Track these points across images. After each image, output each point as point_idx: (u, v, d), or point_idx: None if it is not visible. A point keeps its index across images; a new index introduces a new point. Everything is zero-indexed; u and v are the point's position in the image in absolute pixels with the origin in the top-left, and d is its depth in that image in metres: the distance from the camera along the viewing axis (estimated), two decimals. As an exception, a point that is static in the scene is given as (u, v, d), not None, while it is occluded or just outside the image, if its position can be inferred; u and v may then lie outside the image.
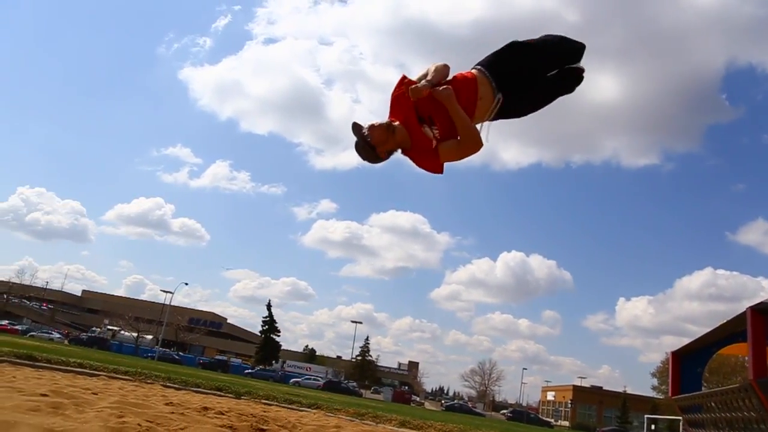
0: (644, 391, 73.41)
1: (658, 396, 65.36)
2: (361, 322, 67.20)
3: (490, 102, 2.93)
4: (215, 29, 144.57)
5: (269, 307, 72.82)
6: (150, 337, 64.60)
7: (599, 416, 76.48)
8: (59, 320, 79.96)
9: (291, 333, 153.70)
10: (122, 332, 65.14)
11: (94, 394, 5.34)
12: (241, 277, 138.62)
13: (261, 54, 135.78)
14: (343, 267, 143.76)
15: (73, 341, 51.69)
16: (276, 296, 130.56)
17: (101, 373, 9.73)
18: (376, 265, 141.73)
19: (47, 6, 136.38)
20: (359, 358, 79.10)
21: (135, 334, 62.46)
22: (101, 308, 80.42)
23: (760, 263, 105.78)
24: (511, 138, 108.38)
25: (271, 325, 72.09)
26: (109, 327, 68.25)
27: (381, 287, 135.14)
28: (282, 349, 75.91)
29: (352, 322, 66.31)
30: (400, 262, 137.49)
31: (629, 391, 77.44)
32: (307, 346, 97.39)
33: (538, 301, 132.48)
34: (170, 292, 58.20)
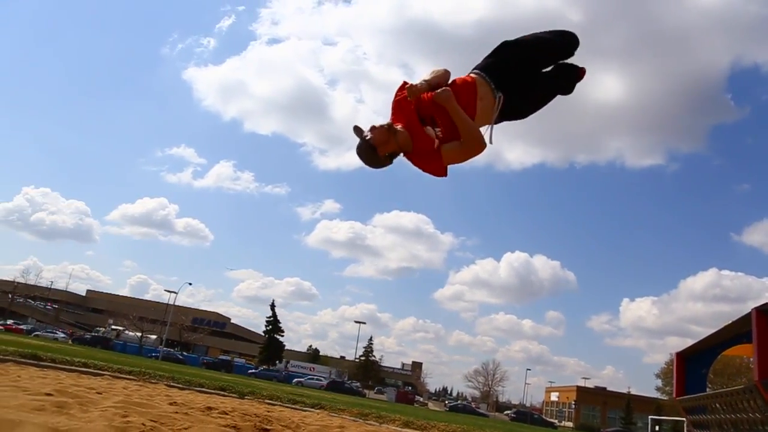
0: (648, 392, 73.41)
1: (662, 397, 65.25)
2: (364, 323, 67.04)
3: (491, 102, 2.94)
4: (219, 30, 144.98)
5: (273, 307, 72.86)
6: (154, 336, 64.79)
7: (603, 417, 76.24)
8: (64, 320, 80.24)
9: (295, 333, 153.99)
10: (126, 332, 65.35)
11: (98, 393, 5.35)
12: (244, 277, 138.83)
13: (265, 54, 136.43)
14: (347, 267, 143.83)
15: (76, 341, 51.90)
16: (280, 296, 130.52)
17: (105, 372, 9.75)
18: (380, 266, 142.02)
19: (52, 6, 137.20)
20: (363, 358, 78.98)
21: (139, 334, 62.69)
22: (105, 308, 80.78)
23: (765, 264, 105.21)
24: (515, 138, 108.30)
25: (274, 325, 72.10)
26: (113, 327, 68.46)
27: (384, 287, 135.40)
28: (285, 349, 75.90)
29: (356, 322, 66.17)
30: (403, 262, 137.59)
31: (633, 392, 77.31)
32: (310, 346, 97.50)
33: (541, 301, 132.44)
34: (174, 292, 58.44)
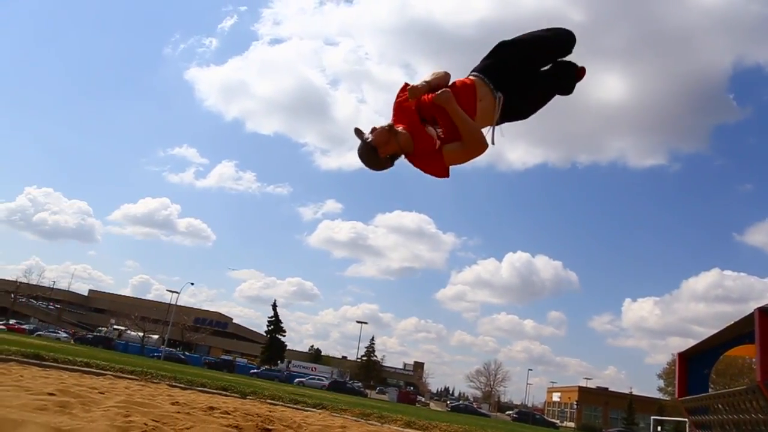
0: (650, 393, 73.16)
1: (664, 397, 65.12)
2: (366, 323, 66.97)
3: (491, 102, 2.94)
4: (221, 30, 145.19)
5: (275, 307, 72.96)
6: (156, 336, 64.89)
7: (605, 417, 76.13)
8: (66, 320, 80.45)
9: (296, 333, 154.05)
10: (128, 332, 65.43)
11: (100, 393, 5.36)
12: (246, 277, 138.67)
13: (267, 54, 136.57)
14: (349, 267, 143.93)
15: (78, 340, 51.99)
16: (281, 296, 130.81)
17: (108, 372, 9.77)
18: (382, 266, 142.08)
19: (54, 7, 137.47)
20: (364, 358, 78.97)
21: (141, 334, 62.75)
22: (108, 308, 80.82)
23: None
24: (517, 138, 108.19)
25: (276, 325, 72.19)
26: (115, 327, 68.55)
27: (386, 287, 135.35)
28: (287, 349, 76.03)
29: (358, 322, 66.11)
30: (405, 262, 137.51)
31: (635, 392, 76.94)
32: (312, 346, 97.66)
33: (543, 301, 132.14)
34: (176, 292, 58.47)
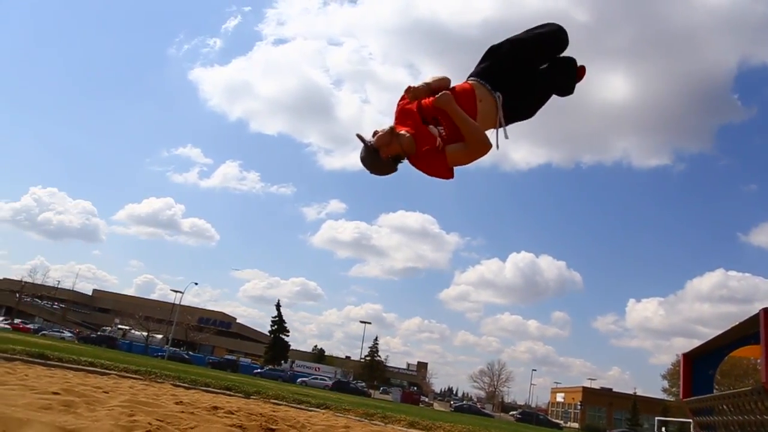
0: (655, 393, 72.96)
1: (668, 398, 64.89)
2: (370, 323, 66.97)
3: (491, 103, 2.97)
4: (225, 30, 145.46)
5: (278, 307, 73.01)
6: (160, 336, 64.98)
7: (609, 418, 75.92)
8: (70, 319, 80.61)
9: (300, 333, 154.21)
10: (132, 331, 65.59)
11: (105, 392, 5.38)
12: (250, 277, 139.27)
13: (271, 55, 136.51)
14: (353, 267, 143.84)
15: (81, 340, 52.12)
16: (285, 296, 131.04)
17: (112, 372, 9.80)
18: (385, 266, 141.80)
19: (58, 8, 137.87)
20: (368, 358, 78.99)
21: (145, 334, 62.88)
22: (112, 307, 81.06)
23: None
24: (521, 138, 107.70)
25: (280, 325, 72.25)
26: (119, 326, 68.74)
27: (390, 287, 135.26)
28: (291, 349, 76.06)
29: (361, 322, 66.16)
30: (409, 262, 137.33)
31: (639, 393, 76.93)
32: (316, 346, 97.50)
33: (547, 302, 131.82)
34: (180, 292, 58.61)
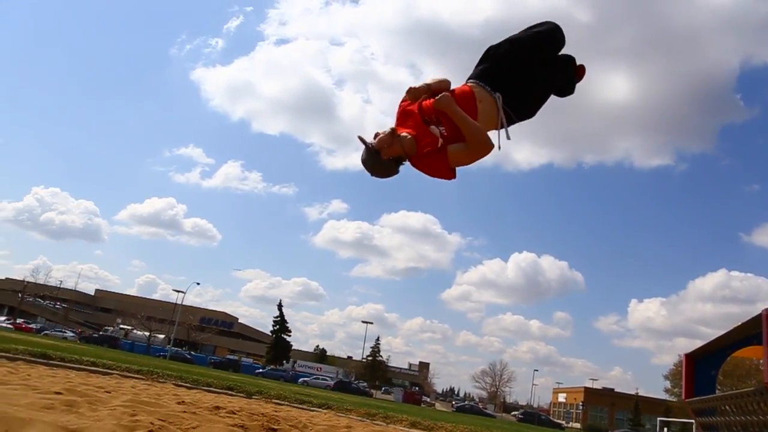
0: (657, 394, 72.80)
1: (670, 399, 64.78)
2: (371, 323, 67.15)
3: (491, 103, 2.98)
4: (227, 30, 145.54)
5: (280, 307, 73.16)
6: (162, 336, 65.07)
7: (611, 418, 75.87)
8: (73, 319, 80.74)
9: (302, 333, 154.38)
10: (134, 331, 65.68)
11: (107, 392, 5.38)
12: (252, 277, 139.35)
13: (272, 55, 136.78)
14: (354, 267, 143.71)
15: (83, 339, 52.23)
16: (287, 296, 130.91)
17: (114, 371, 9.82)
18: (387, 266, 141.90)
19: (61, 7, 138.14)
20: (370, 358, 79.02)
21: (147, 333, 62.97)
22: (114, 307, 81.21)
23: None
24: (523, 138, 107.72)
25: (282, 325, 72.33)
26: (121, 326, 68.84)
27: (392, 288, 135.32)
28: (293, 349, 76.13)
29: (363, 322, 66.26)
30: (411, 262, 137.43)
31: (641, 393, 76.85)
32: (317, 346, 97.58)
33: (549, 302, 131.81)
34: (182, 292, 58.74)
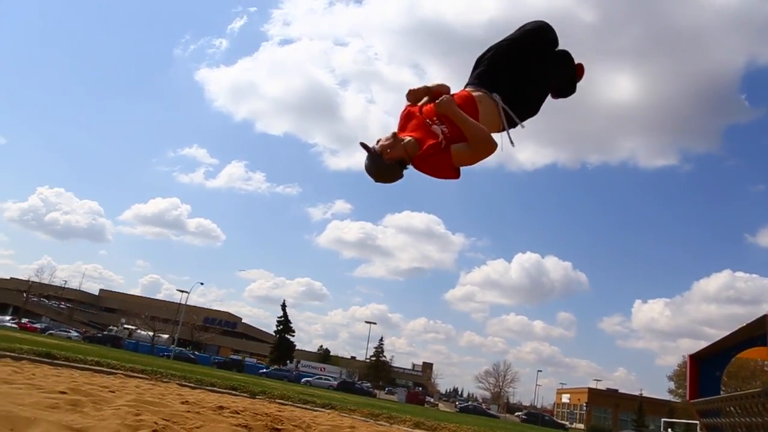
0: (661, 395, 72.48)
1: (675, 400, 64.58)
2: (375, 323, 66.94)
3: (491, 104, 3.03)
4: (231, 31, 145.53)
5: (284, 307, 73.12)
6: (166, 336, 65.25)
7: (615, 419, 75.60)
8: (77, 319, 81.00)
9: (305, 333, 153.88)
10: (138, 331, 65.83)
11: (111, 392, 5.40)
12: (256, 277, 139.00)
13: (276, 55, 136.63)
14: (358, 267, 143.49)
15: (87, 339, 52.41)
16: (290, 296, 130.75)
17: (118, 371, 9.84)
18: (391, 266, 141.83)
19: (65, 8, 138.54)
20: (373, 358, 78.92)
21: (151, 333, 63.13)
22: (118, 307, 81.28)
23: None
24: (526, 138, 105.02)
25: (285, 325, 72.34)
26: (125, 326, 69.00)
27: (395, 288, 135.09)
28: (296, 349, 76.14)
29: (367, 322, 66.12)
30: (414, 262, 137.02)
31: (645, 394, 76.41)
32: (321, 346, 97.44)
33: (553, 302, 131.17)
34: (186, 292, 58.82)
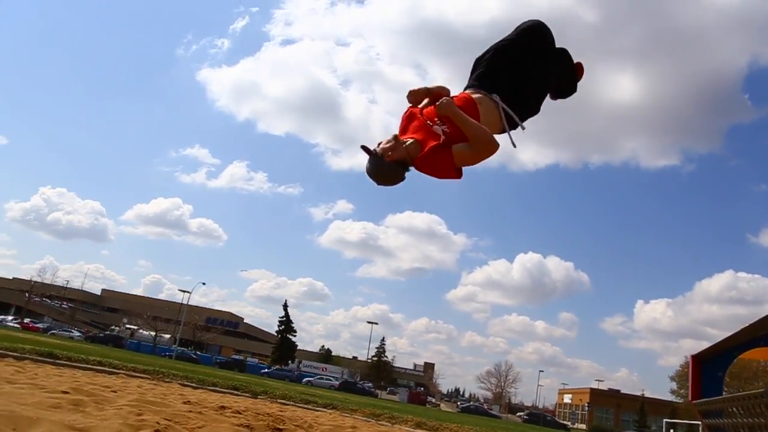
0: (663, 395, 72.33)
1: (677, 400, 64.43)
2: (376, 323, 66.80)
3: (491, 105, 3.03)
4: (233, 31, 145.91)
5: (285, 307, 73.12)
6: (168, 336, 65.32)
7: (617, 420, 75.53)
8: (79, 319, 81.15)
9: (307, 333, 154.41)
10: (140, 331, 65.91)
11: (113, 392, 5.41)
12: (257, 277, 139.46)
13: (278, 55, 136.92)
14: (360, 267, 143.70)
15: (89, 339, 52.52)
16: (292, 296, 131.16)
17: (120, 371, 9.85)
18: (392, 266, 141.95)
19: (66, 8, 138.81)
20: (375, 358, 78.91)
21: (153, 333, 63.21)
22: (120, 307, 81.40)
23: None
24: (528, 139, 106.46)
25: (287, 325, 72.36)
26: (127, 326, 69.11)
27: (397, 288, 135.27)
28: (298, 349, 76.19)
29: (368, 322, 66.04)
30: (416, 262, 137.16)
31: (647, 394, 76.33)
32: (323, 346, 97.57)
33: (555, 302, 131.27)
34: (188, 292, 58.92)
